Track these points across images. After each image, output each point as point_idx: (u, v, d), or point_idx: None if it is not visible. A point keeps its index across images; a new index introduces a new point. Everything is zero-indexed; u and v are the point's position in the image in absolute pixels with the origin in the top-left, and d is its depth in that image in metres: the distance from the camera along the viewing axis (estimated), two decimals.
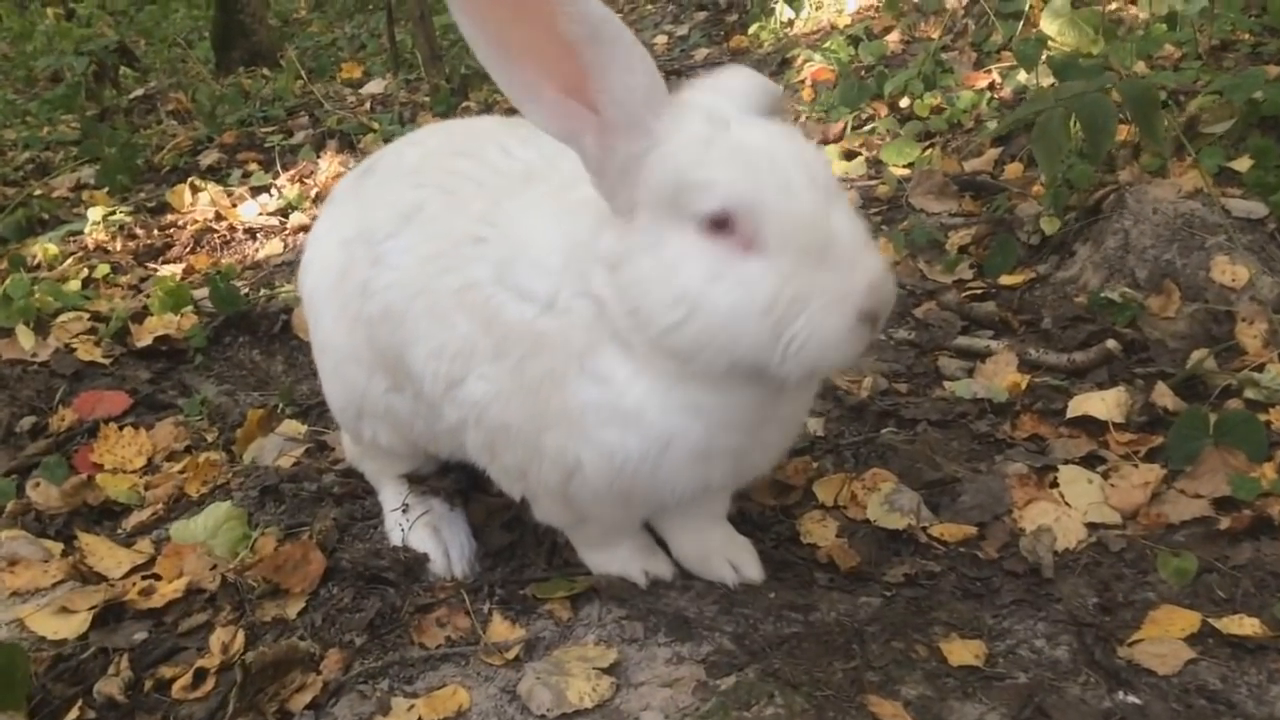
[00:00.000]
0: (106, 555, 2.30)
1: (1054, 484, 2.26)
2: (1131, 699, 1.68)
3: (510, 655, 1.87)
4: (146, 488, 2.59)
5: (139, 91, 7.64)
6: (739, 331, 1.49)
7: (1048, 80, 4.36)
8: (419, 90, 6.38)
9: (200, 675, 1.90)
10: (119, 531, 2.46)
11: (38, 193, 5.26)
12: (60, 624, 2.08)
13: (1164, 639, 1.79)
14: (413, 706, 1.76)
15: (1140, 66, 4.32)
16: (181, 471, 2.63)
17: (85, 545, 2.32)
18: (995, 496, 2.24)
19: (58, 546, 2.35)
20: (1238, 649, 1.78)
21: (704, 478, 1.73)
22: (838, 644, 1.83)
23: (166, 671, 1.93)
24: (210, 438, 2.82)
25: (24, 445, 2.86)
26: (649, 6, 9.68)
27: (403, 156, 2.10)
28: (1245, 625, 1.81)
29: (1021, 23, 5.36)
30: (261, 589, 2.10)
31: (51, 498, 2.51)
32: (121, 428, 2.82)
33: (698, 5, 8.87)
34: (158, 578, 2.21)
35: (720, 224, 1.48)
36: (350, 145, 5.22)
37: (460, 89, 6.08)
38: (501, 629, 1.94)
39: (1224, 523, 2.08)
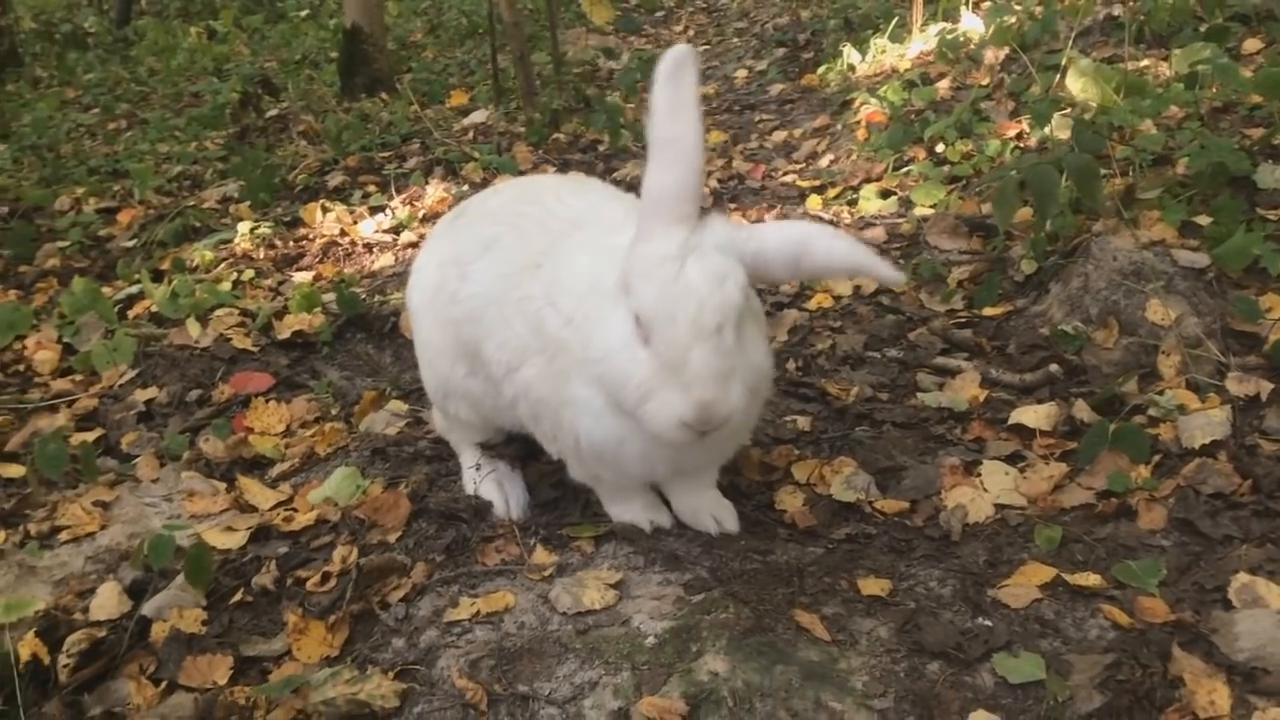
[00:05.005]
0: (258, 493, 3.08)
1: (978, 474, 2.88)
2: (985, 622, 2.29)
3: (546, 574, 2.56)
4: (286, 447, 3.38)
5: (273, 112, 8.62)
6: (621, 390, 2.12)
7: (1065, 134, 4.91)
8: (516, 120, 7.15)
9: (326, 576, 2.65)
10: (266, 478, 3.24)
11: (190, 204, 6.20)
12: (227, 538, 2.84)
13: (1024, 585, 2.40)
14: (474, 603, 2.46)
15: (1147, 125, 4.83)
16: (312, 436, 3.41)
17: (243, 485, 3.11)
18: (929, 481, 2.86)
19: (222, 485, 3.14)
20: (1076, 595, 2.37)
21: (651, 472, 2.43)
22: (784, 577, 2.48)
23: (302, 573, 2.68)
24: (334, 411, 3.60)
25: (193, 412, 3.68)
26: (735, 40, 10.35)
27: (485, 203, 2.84)
28: (1089, 579, 2.40)
29: (1059, 75, 5.87)
30: (369, 522, 2.85)
31: (218, 450, 3.32)
32: (267, 401, 3.62)
33: (778, 42, 9.50)
34: (295, 510, 2.98)
35: (637, 318, 2.13)
36: (454, 172, 6.02)
37: (552, 122, 6.84)
38: (541, 556, 2.63)
39: (1099, 508, 2.68)
